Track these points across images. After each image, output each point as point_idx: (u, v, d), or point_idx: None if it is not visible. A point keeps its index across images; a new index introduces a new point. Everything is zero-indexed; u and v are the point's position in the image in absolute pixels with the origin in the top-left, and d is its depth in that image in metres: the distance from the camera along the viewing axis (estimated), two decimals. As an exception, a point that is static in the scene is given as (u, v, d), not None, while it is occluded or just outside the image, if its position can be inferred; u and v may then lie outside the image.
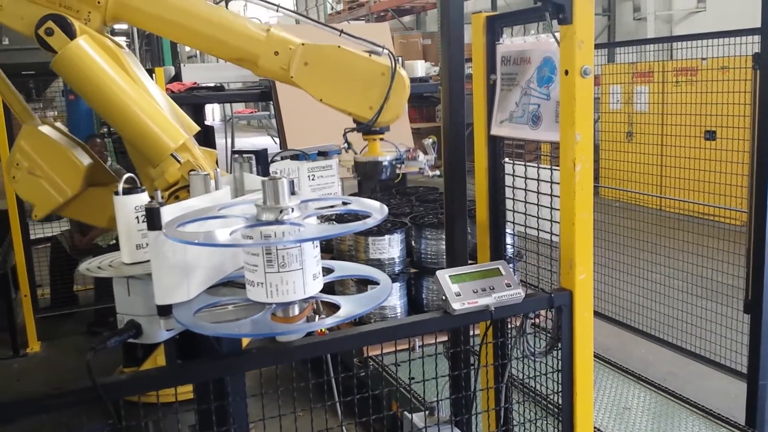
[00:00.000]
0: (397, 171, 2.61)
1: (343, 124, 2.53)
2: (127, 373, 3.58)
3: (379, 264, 3.88)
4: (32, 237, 5.84)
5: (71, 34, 2.14)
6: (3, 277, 5.35)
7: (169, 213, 1.45)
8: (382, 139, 2.50)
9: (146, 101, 2.18)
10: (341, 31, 2.40)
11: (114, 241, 5.17)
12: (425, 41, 13.55)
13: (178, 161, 2.15)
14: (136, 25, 2.44)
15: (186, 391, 1.53)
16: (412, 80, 5.92)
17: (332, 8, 18.65)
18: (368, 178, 2.52)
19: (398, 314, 3.96)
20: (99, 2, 2.24)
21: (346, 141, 2.51)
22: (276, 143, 10.10)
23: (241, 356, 1.55)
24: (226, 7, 2.49)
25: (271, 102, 5.60)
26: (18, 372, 5.22)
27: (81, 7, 2.22)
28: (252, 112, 11.84)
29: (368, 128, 2.34)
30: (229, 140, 9.37)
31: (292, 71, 2.31)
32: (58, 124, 2.62)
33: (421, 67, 6.04)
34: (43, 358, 5.44)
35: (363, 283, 3.65)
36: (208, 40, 2.35)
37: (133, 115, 2.14)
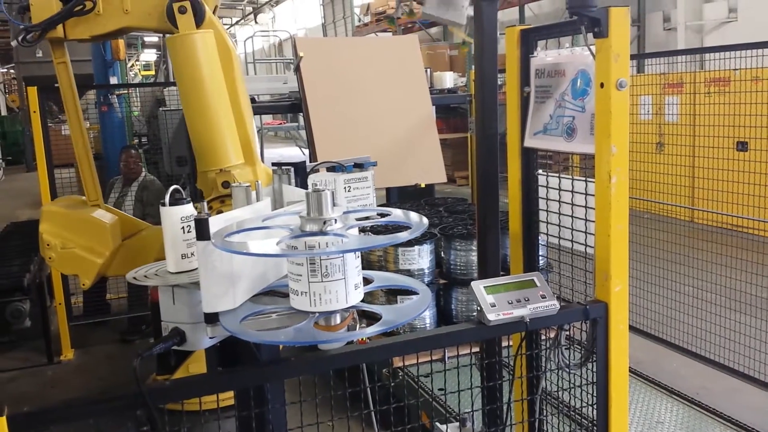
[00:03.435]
0: None
1: (372, 137, 2.56)
2: (161, 380, 3.66)
3: (408, 275, 3.89)
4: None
5: (200, 17, 2.25)
6: (38, 286, 5.46)
7: (215, 224, 1.49)
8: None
9: (228, 115, 2.31)
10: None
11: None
12: (452, 52, 13.60)
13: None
14: None
15: (213, 400, 1.56)
16: (440, 91, 5.97)
17: (360, 20, 18.78)
18: None
19: (427, 325, 3.97)
20: None
21: None
22: (304, 154, 10.16)
23: (281, 364, 1.59)
24: (255, 20, 2.61)
25: (301, 113, 5.66)
26: (52, 379, 5.32)
27: None
28: (281, 123, 11.96)
29: None
30: (259, 151, 9.48)
31: None
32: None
33: (450, 78, 6.07)
34: (77, 366, 5.54)
35: (392, 294, 3.66)
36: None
37: (210, 122, 2.26)
